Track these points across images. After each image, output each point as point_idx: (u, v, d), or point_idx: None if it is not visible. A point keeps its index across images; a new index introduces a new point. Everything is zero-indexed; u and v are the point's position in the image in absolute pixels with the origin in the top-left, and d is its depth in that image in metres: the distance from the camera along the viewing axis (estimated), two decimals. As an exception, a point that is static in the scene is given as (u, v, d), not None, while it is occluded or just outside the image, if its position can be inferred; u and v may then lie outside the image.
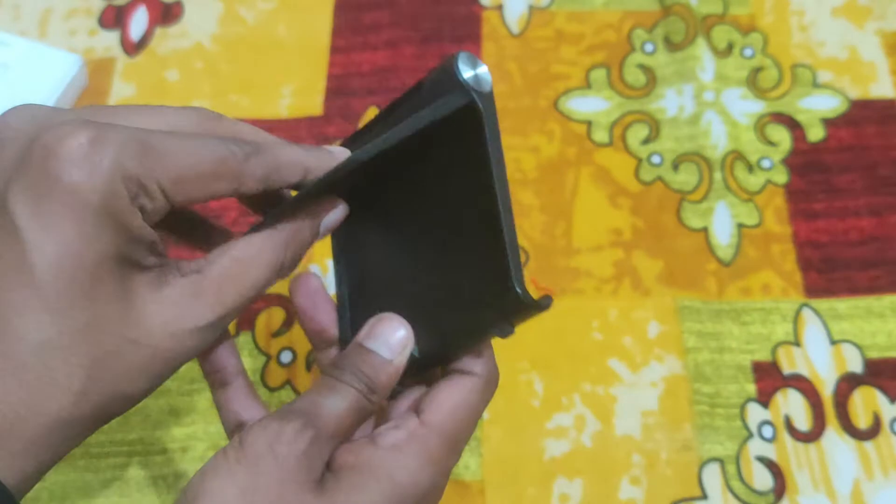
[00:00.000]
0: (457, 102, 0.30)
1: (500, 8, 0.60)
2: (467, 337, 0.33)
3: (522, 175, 0.53)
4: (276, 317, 0.49)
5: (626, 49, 0.58)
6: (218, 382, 0.34)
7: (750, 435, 0.45)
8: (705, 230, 0.51)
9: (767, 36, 0.58)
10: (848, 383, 0.47)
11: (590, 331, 0.48)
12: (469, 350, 0.33)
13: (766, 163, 0.53)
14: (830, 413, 0.46)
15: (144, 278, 0.29)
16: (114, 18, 0.60)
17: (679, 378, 0.47)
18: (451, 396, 0.32)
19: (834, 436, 0.45)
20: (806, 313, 0.49)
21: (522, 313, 0.31)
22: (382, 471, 0.30)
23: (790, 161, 0.54)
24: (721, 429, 0.45)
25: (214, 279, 0.30)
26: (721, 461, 0.45)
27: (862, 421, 0.46)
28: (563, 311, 0.49)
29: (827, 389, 0.47)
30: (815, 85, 0.56)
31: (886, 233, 0.51)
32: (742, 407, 0.46)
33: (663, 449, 0.45)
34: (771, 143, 0.54)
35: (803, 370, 0.47)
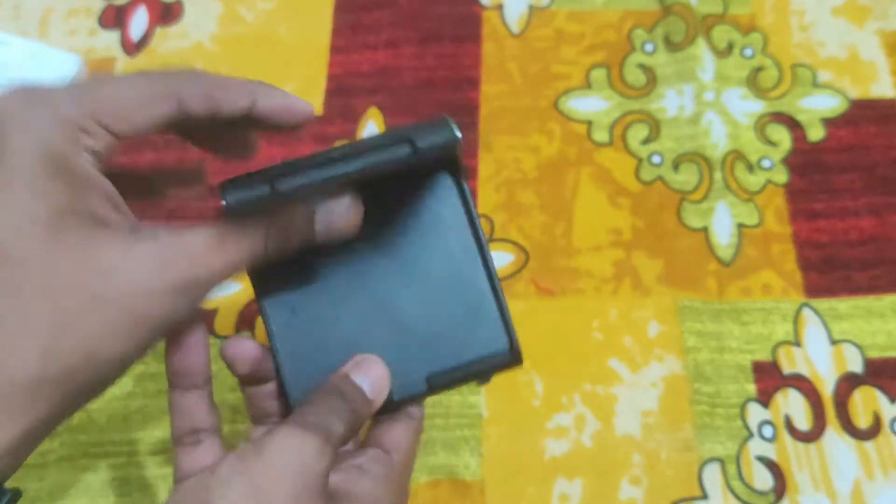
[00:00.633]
0: (448, 134, 0.31)
1: (501, 8, 0.60)
2: (445, 385, 0.35)
3: (522, 175, 0.53)
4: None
5: (627, 49, 0.58)
6: (183, 385, 0.33)
7: (750, 435, 0.45)
8: (705, 230, 0.51)
9: (767, 36, 0.58)
10: (848, 383, 0.47)
11: (590, 331, 0.48)
12: (438, 393, 0.35)
13: (767, 163, 0.53)
14: (831, 413, 0.46)
15: (111, 235, 0.29)
16: (114, 18, 0.60)
17: (679, 378, 0.47)
18: (408, 437, 0.35)
19: (834, 436, 0.45)
20: (806, 313, 0.49)
21: (513, 368, 0.34)
22: (372, 499, 0.32)
23: (790, 161, 0.54)
24: (721, 429, 0.45)
25: (190, 246, 0.30)
26: (721, 461, 0.45)
27: (862, 421, 0.46)
28: (564, 311, 0.49)
29: (827, 389, 0.47)
30: (816, 85, 0.56)
31: (886, 233, 0.51)
32: (742, 407, 0.46)
33: (663, 449, 0.45)
34: (771, 143, 0.54)
35: (803, 370, 0.47)
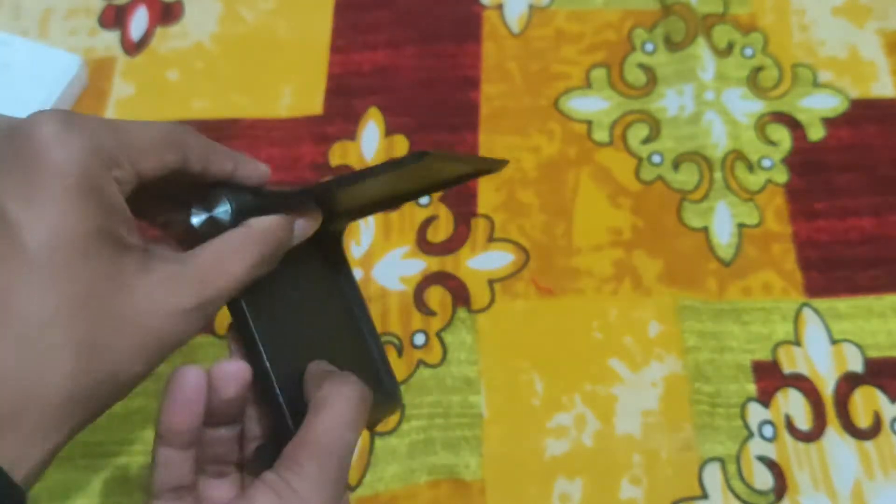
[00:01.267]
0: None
1: (501, 7, 0.60)
2: None
3: (523, 175, 0.53)
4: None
5: (627, 48, 0.58)
6: (174, 443, 0.32)
7: (750, 434, 0.45)
8: (706, 230, 0.51)
9: (768, 35, 0.58)
10: (848, 383, 0.47)
11: (590, 330, 0.48)
12: None
13: (767, 162, 0.53)
14: (831, 413, 0.46)
15: (131, 258, 0.30)
16: (114, 18, 0.59)
17: (679, 378, 0.47)
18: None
19: (834, 435, 0.45)
20: (806, 313, 0.49)
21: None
22: None
23: (790, 160, 0.53)
24: (721, 428, 0.45)
25: (198, 267, 0.31)
26: (721, 461, 0.45)
27: (862, 420, 0.46)
28: (564, 311, 0.49)
29: (827, 389, 0.47)
30: (816, 84, 0.56)
31: (887, 232, 0.51)
32: (742, 406, 0.46)
33: (664, 448, 0.45)
34: (771, 143, 0.54)
35: (804, 370, 0.47)
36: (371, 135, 0.54)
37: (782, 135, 0.54)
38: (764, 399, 0.46)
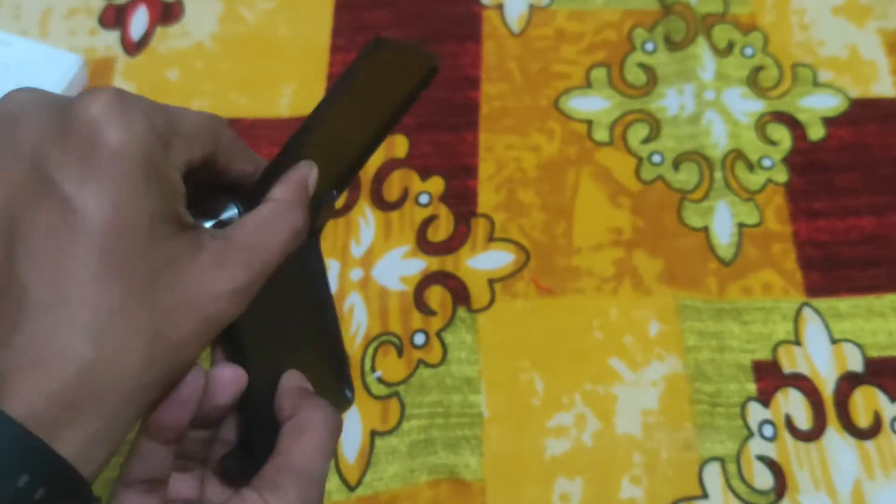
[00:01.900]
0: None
1: (501, 7, 0.60)
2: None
3: (523, 174, 0.53)
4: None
5: (627, 48, 0.58)
6: (158, 437, 0.32)
7: (750, 434, 0.45)
8: (706, 229, 0.51)
9: (768, 35, 0.58)
10: (848, 382, 0.47)
11: (590, 330, 0.48)
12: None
13: (767, 162, 0.53)
14: (831, 412, 0.46)
15: (186, 240, 0.29)
16: (114, 18, 0.60)
17: (680, 377, 0.47)
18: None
19: (834, 435, 0.45)
20: (806, 312, 0.49)
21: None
22: None
23: (791, 160, 0.53)
24: (722, 428, 0.45)
25: (243, 243, 0.30)
26: (722, 460, 0.45)
27: (863, 420, 0.46)
28: (564, 311, 0.49)
29: (827, 388, 0.47)
30: (816, 84, 0.56)
31: (887, 232, 0.51)
32: (743, 406, 0.46)
33: (664, 448, 0.45)
34: (771, 143, 0.54)
35: (804, 369, 0.47)
36: (371, 134, 0.54)
37: (782, 134, 0.54)
38: (764, 399, 0.46)
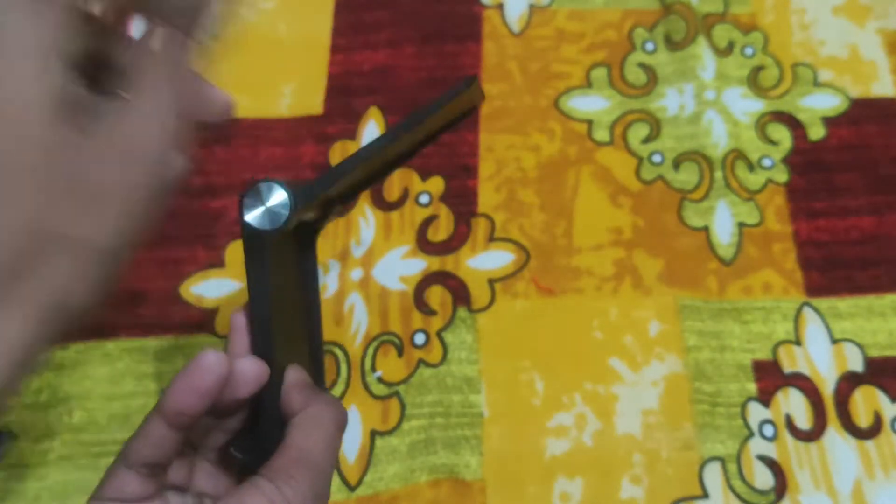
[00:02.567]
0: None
1: (501, 7, 0.60)
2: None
3: (523, 174, 0.53)
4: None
5: (627, 48, 0.58)
6: (173, 421, 0.32)
7: (751, 434, 0.45)
8: (706, 229, 0.51)
9: (768, 35, 0.58)
10: (849, 382, 0.47)
11: (590, 330, 0.48)
12: None
13: (767, 162, 0.53)
14: (831, 412, 0.46)
15: (90, 121, 0.28)
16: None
17: (680, 377, 0.47)
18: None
19: (835, 435, 0.45)
20: (807, 312, 0.49)
21: None
22: None
23: (791, 160, 0.53)
24: (722, 428, 0.45)
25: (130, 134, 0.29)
26: (722, 460, 0.45)
27: (863, 420, 0.46)
28: (564, 311, 0.49)
29: (828, 388, 0.47)
30: (816, 84, 0.56)
31: (887, 232, 0.51)
32: (743, 406, 0.46)
33: (664, 448, 0.45)
34: (772, 142, 0.54)
35: (804, 369, 0.47)
36: (371, 134, 0.54)
37: (783, 134, 0.54)
38: (764, 398, 0.46)
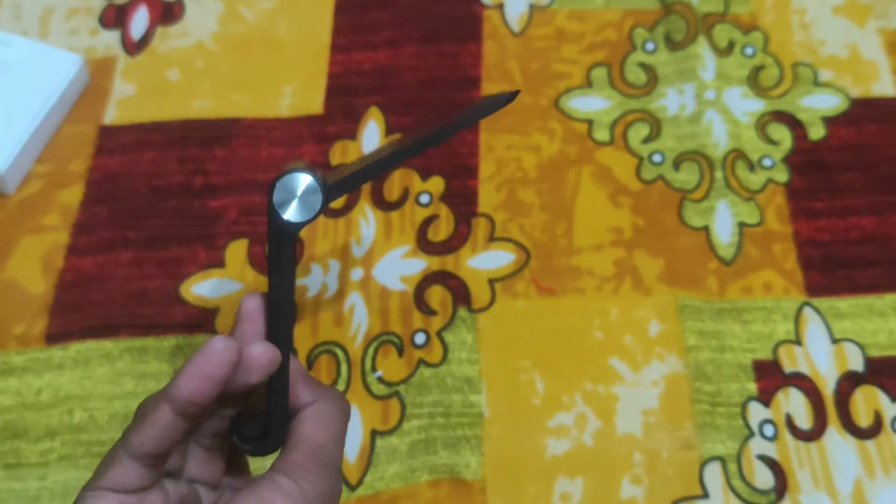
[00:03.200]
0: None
1: (501, 7, 0.60)
2: None
3: (523, 174, 0.53)
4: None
5: (627, 48, 0.58)
6: (186, 412, 0.31)
7: (751, 434, 0.45)
8: (706, 229, 0.51)
9: (768, 34, 0.58)
10: (849, 382, 0.47)
11: (591, 330, 0.48)
12: None
13: (768, 161, 0.53)
14: (832, 412, 0.46)
15: None
16: (114, 18, 0.60)
17: (680, 377, 0.47)
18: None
19: (835, 434, 0.45)
20: (807, 312, 0.49)
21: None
22: None
23: (791, 160, 0.53)
24: (722, 427, 0.45)
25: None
26: (722, 460, 0.45)
27: (863, 420, 0.46)
28: (564, 311, 0.49)
29: (828, 388, 0.47)
30: (816, 84, 0.56)
31: (887, 231, 0.51)
32: (743, 406, 0.46)
33: (664, 448, 0.45)
34: (772, 142, 0.54)
35: (804, 369, 0.47)
36: (372, 134, 0.54)
37: (783, 134, 0.54)
38: (765, 398, 0.46)
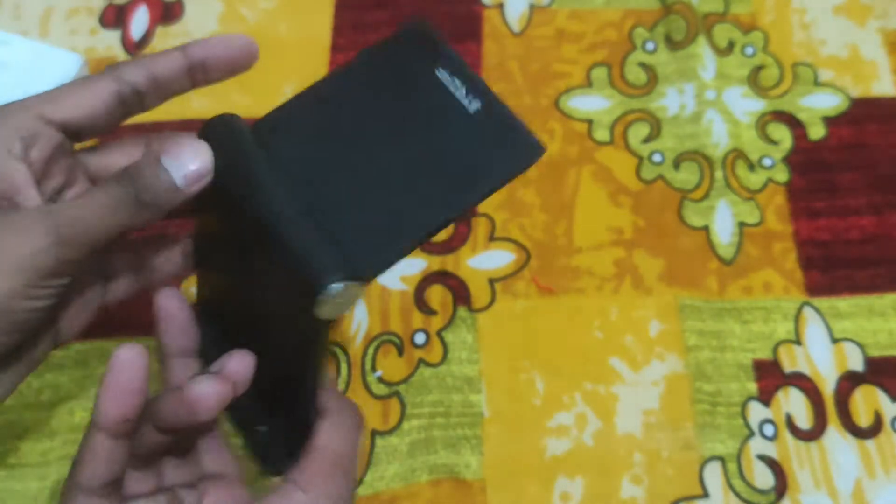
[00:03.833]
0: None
1: (501, 6, 0.60)
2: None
3: (523, 174, 0.53)
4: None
5: (627, 47, 0.58)
6: (114, 432, 0.30)
7: (751, 433, 0.45)
8: (706, 229, 0.51)
9: (768, 34, 0.58)
10: (849, 382, 0.47)
11: (591, 329, 0.48)
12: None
13: (768, 161, 0.53)
14: (832, 411, 0.46)
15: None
16: (115, 18, 0.60)
17: (680, 377, 0.47)
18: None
19: (835, 434, 0.45)
20: (807, 312, 0.49)
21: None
22: None
23: (791, 159, 0.53)
24: (722, 427, 0.45)
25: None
26: (722, 460, 0.45)
27: (863, 419, 0.46)
28: (564, 310, 0.49)
29: (828, 388, 0.47)
30: (817, 83, 0.56)
31: (887, 231, 0.51)
32: (743, 405, 0.46)
33: (664, 448, 0.45)
34: (772, 142, 0.54)
35: (804, 369, 0.47)
36: (372, 134, 0.54)
37: (783, 134, 0.54)
38: (765, 398, 0.46)
